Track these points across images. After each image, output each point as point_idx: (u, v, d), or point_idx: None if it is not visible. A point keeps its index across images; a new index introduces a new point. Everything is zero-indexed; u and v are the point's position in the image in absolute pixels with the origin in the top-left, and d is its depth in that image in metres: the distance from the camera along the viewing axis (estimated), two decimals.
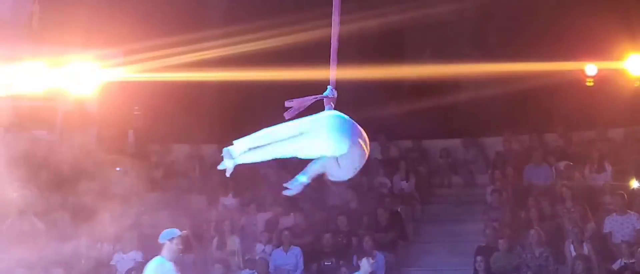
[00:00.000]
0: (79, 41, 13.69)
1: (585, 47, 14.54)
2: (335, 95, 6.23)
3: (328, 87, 6.25)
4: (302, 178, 5.86)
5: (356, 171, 6.06)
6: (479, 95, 15.33)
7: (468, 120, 16.45)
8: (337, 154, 5.81)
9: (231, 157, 6.02)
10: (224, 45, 13.86)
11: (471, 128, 16.63)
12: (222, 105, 16.22)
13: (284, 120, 6.05)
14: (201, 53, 13.78)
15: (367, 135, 6.18)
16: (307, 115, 6.03)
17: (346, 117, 5.97)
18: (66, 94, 14.34)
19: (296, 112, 6.10)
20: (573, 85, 15.00)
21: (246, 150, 5.96)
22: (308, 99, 6.17)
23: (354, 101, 6.68)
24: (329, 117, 5.91)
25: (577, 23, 14.60)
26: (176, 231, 9.43)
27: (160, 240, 9.37)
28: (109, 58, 14.12)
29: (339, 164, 5.88)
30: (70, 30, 13.46)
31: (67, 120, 14.79)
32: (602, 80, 14.91)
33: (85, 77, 14.16)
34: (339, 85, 6.21)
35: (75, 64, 13.97)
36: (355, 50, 13.79)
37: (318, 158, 5.86)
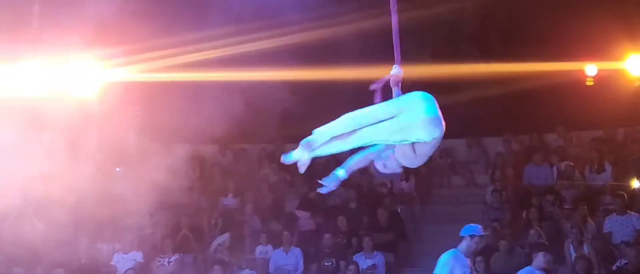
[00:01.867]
0: (80, 41, 13.66)
1: (585, 47, 14.55)
2: (402, 73, 6.05)
3: (394, 66, 6.12)
4: (340, 173, 5.48)
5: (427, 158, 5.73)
6: (479, 95, 15.33)
7: (468, 120, 16.46)
8: (430, 139, 5.52)
9: (310, 149, 5.37)
10: (225, 45, 13.86)
11: (471, 129, 16.65)
12: (222, 105, 16.21)
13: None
14: (202, 53, 13.78)
15: None
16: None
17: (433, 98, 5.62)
18: (67, 95, 14.34)
19: (379, 92, 5.89)
20: (573, 85, 15.00)
21: (328, 139, 5.41)
22: (384, 79, 5.98)
23: (353, 101, 6.65)
24: (423, 99, 5.59)
25: (577, 23, 14.60)
26: (479, 229, 9.20)
27: (461, 234, 9.18)
28: (110, 59, 14.12)
29: (414, 150, 5.57)
30: (71, 30, 13.43)
31: (68, 120, 14.79)
32: (602, 80, 14.92)
33: (87, 77, 14.16)
34: (338, 86, 6.20)
35: (76, 64, 13.97)
36: (355, 50, 13.79)
37: (370, 148, 5.55)
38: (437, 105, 5.62)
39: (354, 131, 5.41)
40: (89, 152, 13.81)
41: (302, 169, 5.49)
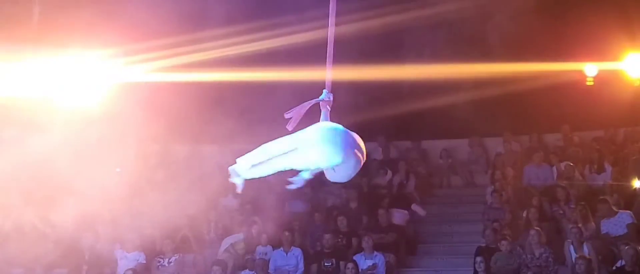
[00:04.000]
0: (79, 41, 13.68)
1: (585, 47, 14.55)
2: (331, 99, 6.17)
3: (324, 90, 6.19)
4: (305, 174, 5.88)
5: (351, 176, 6.06)
6: (479, 96, 15.34)
7: (468, 120, 16.47)
8: (331, 165, 5.83)
9: (237, 175, 6.07)
10: (225, 46, 13.86)
11: (471, 129, 16.66)
12: (222, 106, 16.24)
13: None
14: (202, 53, 13.78)
15: (367, 135, 6.17)
16: (308, 119, 6.05)
17: (339, 127, 5.93)
18: (67, 95, 14.34)
19: (297, 121, 6.10)
20: (573, 85, 15.01)
21: (249, 166, 6.02)
22: (305, 105, 6.11)
23: (353, 102, 6.66)
24: (320, 130, 5.89)
25: (577, 23, 14.61)
26: None
27: None
28: (110, 59, 14.12)
29: (335, 170, 5.92)
30: (71, 30, 13.45)
31: (68, 121, 14.81)
32: (602, 80, 14.92)
33: (86, 77, 14.16)
34: (339, 86, 6.19)
35: (75, 65, 13.97)
36: (355, 50, 13.79)
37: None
38: (342, 134, 5.86)
39: (267, 160, 5.94)
40: (89, 152, 13.83)
41: (238, 190, 6.09)
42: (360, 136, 6.00)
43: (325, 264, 13.71)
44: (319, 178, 6.04)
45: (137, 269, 13.36)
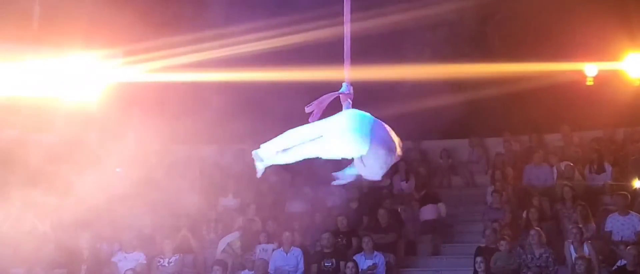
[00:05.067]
0: (79, 41, 13.68)
1: (585, 47, 14.56)
2: (351, 91, 5.97)
3: (343, 83, 6.01)
4: (351, 171, 5.77)
5: (384, 170, 5.83)
6: (479, 96, 15.34)
7: (468, 120, 16.47)
8: (358, 154, 5.60)
9: (260, 160, 5.82)
10: (224, 45, 13.86)
11: (471, 129, 16.65)
12: (222, 105, 16.25)
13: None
14: (201, 53, 13.78)
15: None
16: (328, 114, 5.85)
17: (367, 115, 5.72)
18: (66, 95, 14.34)
19: (318, 115, 5.88)
20: (573, 85, 15.01)
21: (274, 152, 5.78)
22: (325, 98, 5.91)
23: (353, 101, 6.63)
24: (347, 117, 5.67)
25: (577, 23, 14.61)
26: None
27: None
28: (109, 59, 14.13)
29: (364, 163, 5.69)
30: (70, 30, 13.46)
31: (68, 120, 14.82)
32: (602, 80, 14.93)
33: (86, 77, 14.16)
34: (338, 86, 6.15)
35: (75, 65, 13.97)
36: (355, 50, 13.80)
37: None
38: (369, 122, 5.67)
39: (293, 146, 5.70)
40: (89, 152, 13.83)
41: (258, 175, 5.86)
42: None
43: (325, 264, 13.70)
44: (319, 177, 6.04)
45: (137, 269, 13.36)
